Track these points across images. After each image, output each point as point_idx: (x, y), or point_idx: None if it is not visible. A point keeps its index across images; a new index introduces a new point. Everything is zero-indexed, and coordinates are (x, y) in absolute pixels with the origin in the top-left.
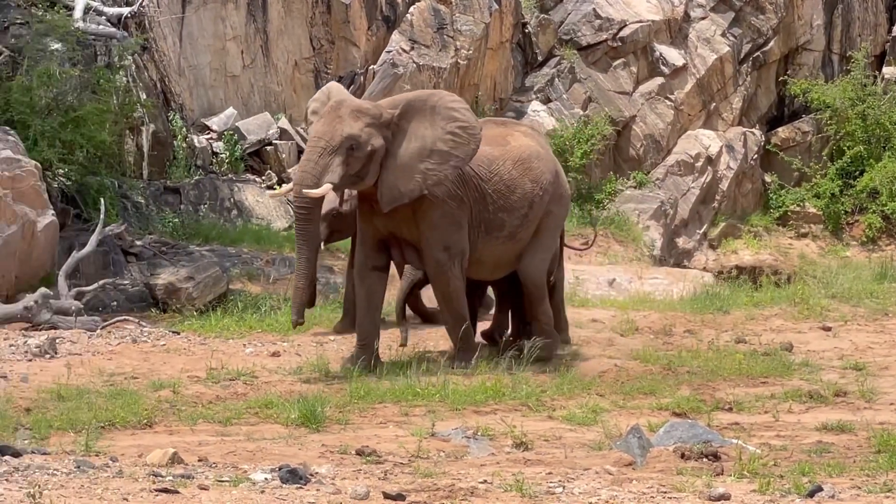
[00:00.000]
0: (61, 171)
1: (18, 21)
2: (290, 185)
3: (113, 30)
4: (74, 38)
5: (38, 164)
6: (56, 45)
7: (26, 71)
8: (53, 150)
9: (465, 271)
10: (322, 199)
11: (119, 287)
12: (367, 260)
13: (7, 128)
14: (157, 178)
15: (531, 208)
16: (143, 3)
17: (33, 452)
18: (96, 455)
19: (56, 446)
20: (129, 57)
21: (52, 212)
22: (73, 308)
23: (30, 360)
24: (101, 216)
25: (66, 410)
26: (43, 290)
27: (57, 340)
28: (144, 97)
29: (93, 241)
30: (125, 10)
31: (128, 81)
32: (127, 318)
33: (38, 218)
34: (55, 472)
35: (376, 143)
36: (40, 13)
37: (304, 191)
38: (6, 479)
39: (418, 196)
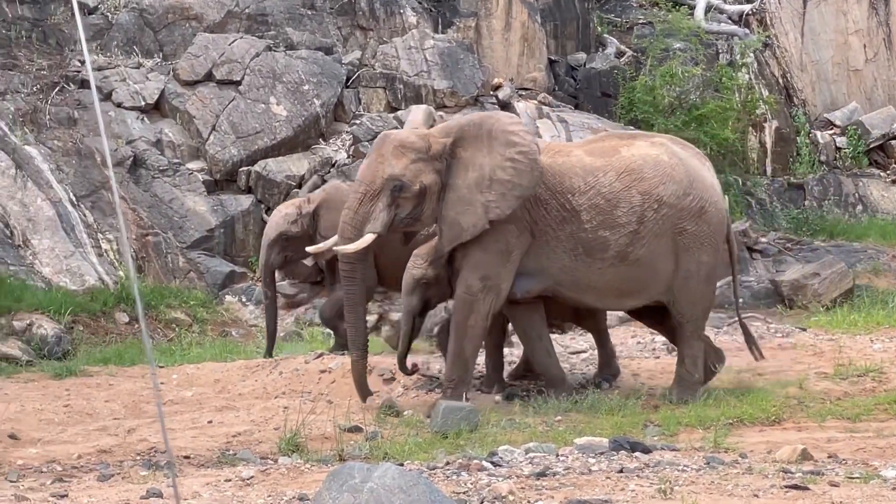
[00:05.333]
0: None
1: (641, 21)
2: (333, 239)
3: (735, 27)
4: (697, 38)
5: None
6: (678, 45)
7: (649, 70)
8: None
9: (491, 315)
10: (365, 254)
11: (745, 284)
12: None
13: (631, 127)
14: (780, 174)
15: (642, 224)
16: (764, 0)
17: (663, 449)
18: (725, 451)
19: (685, 442)
20: (751, 54)
21: None
22: None
23: (657, 358)
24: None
25: (694, 407)
26: None
27: None
28: (767, 94)
29: None
30: (746, 7)
31: (750, 78)
32: (753, 314)
33: None
34: (685, 468)
35: (427, 179)
36: (663, 13)
37: (336, 248)
38: (637, 475)
39: (482, 231)
